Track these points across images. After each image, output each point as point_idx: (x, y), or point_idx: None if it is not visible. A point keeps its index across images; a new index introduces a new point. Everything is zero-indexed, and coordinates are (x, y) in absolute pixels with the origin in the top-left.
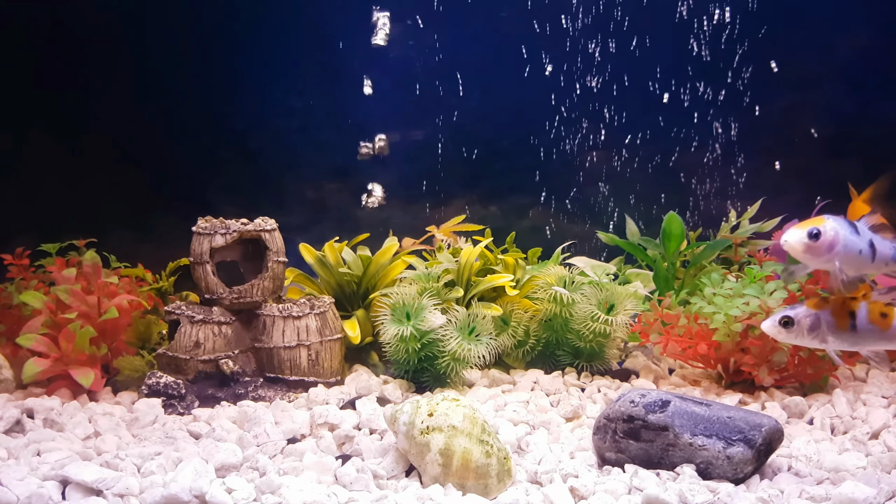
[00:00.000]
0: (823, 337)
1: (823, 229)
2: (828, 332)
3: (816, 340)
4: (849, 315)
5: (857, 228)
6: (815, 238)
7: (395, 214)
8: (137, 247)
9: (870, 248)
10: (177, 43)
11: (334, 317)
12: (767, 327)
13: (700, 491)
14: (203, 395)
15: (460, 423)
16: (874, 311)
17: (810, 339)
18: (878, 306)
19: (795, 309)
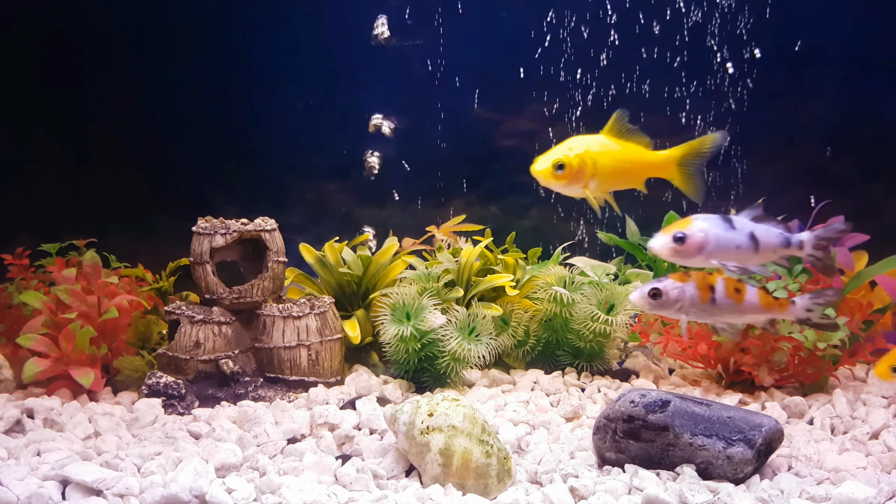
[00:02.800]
0: (686, 309)
1: (689, 232)
2: (690, 304)
3: (680, 312)
4: (709, 289)
5: (734, 223)
6: (680, 242)
7: (395, 214)
8: (137, 247)
9: (750, 240)
10: (177, 43)
11: (334, 317)
12: (636, 298)
13: (700, 491)
14: (203, 395)
15: (460, 423)
16: (730, 286)
17: (675, 310)
18: (733, 282)
19: (662, 281)
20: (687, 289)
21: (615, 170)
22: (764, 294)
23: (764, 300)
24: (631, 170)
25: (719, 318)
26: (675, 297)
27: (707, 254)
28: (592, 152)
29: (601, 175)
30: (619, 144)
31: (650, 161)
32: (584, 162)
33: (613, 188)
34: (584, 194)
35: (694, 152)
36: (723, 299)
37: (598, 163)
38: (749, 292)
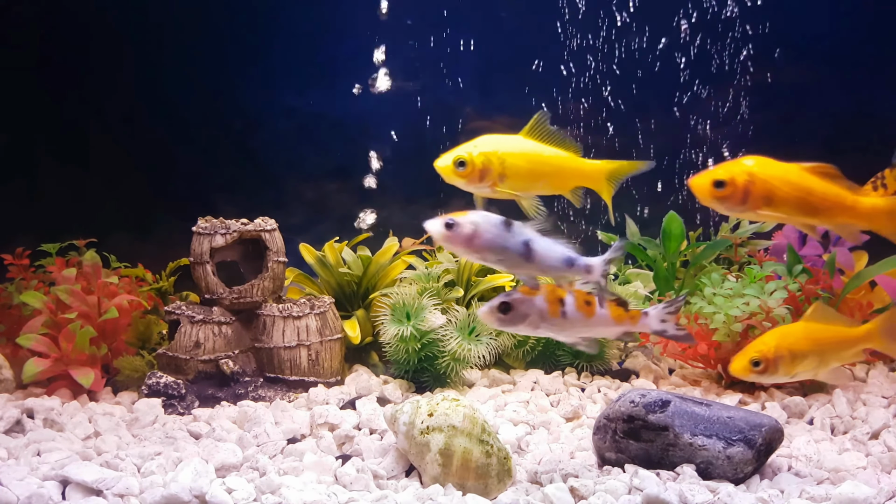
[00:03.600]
0: (537, 323)
1: (460, 221)
2: (540, 318)
3: (530, 327)
4: (559, 302)
5: (512, 227)
6: (449, 228)
7: (395, 214)
8: (137, 247)
9: (524, 247)
10: (177, 43)
11: (334, 317)
12: (484, 314)
13: (700, 491)
14: (203, 395)
15: (460, 423)
16: (580, 299)
17: (525, 325)
18: (583, 295)
19: (511, 295)
20: (536, 302)
21: (530, 172)
22: (615, 307)
23: (615, 313)
24: (552, 174)
25: (571, 333)
26: (525, 312)
27: (475, 248)
28: (500, 152)
29: (512, 176)
30: (539, 147)
31: (578, 168)
32: (489, 161)
33: (532, 192)
34: (497, 194)
35: (625, 171)
36: (573, 313)
37: (507, 163)
38: (601, 308)
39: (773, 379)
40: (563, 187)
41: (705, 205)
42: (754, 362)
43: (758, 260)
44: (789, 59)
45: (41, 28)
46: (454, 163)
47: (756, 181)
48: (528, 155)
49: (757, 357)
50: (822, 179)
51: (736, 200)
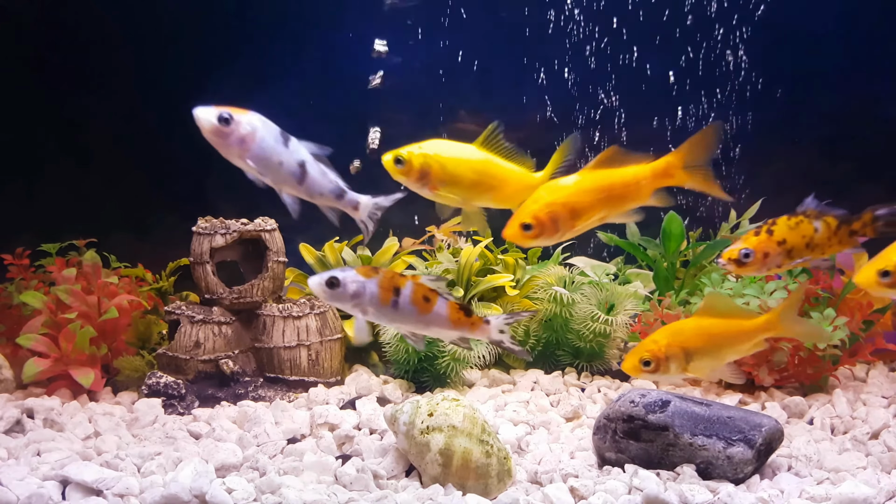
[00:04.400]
0: (365, 307)
1: (237, 118)
2: (369, 302)
3: (357, 309)
4: (394, 291)
5: (288, 140)
6: (224, 123)
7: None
8: (137, 247)
9: (299, 168)
10: (177, 42)
11: (334, 317)
12: (313, 284)
13: (700, 491)
14: (203, 395)
15: (460, 423)
16: (419, 292)
17: (351, 305)
18: (424, 289)
19: (345, 271)
20: (368, 285)
21: (474, 182)
22: (455, 309)
23: (454, 316)
24: (498, 187)
25: (402, 325)
26: (353, 292)
27: (249, 152)
28: (443, 157)
29: (453, 183)
30: (488, 158)
31: (528, 184)
32: (428, 164)
33: (478, 202)
34: (440, 199)
35: (558, 165)
36: (407, 305)
37: (449, 169)
38: (439, 304)
39: (667, 378)
40: (513, 202)
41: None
42: (644, 361)
43: None
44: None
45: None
46: (393, 159)
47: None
48: (472, 164)
49: (647, 356)
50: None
51: (549, 232)
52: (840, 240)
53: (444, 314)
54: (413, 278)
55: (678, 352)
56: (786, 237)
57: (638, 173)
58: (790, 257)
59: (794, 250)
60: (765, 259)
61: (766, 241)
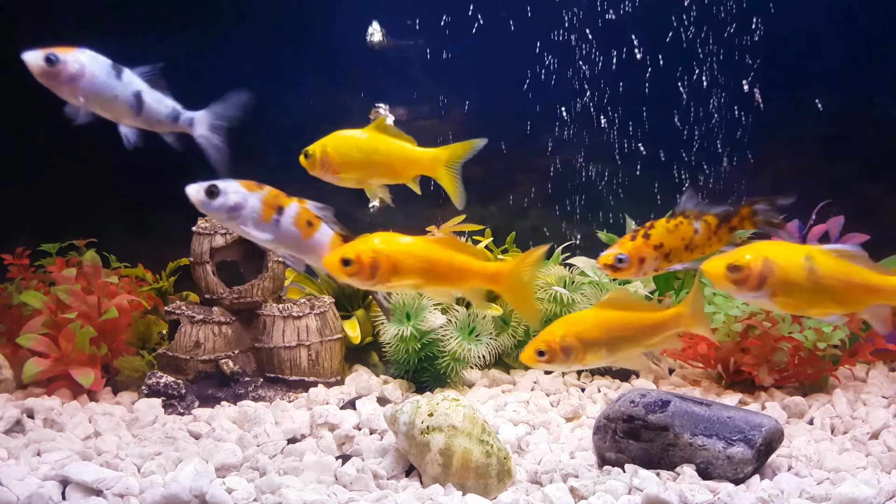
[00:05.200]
0: (244, 222)
1: (63, 57)
2: (249, 217)
3: (236, 223)
4: (277, 209)
5: (121, 73)
6: (50, 64)
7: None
8: (137, 247)
9: (135, 98)
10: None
11: (334, 317)
12: (191, 192)
13: (700, 491)
14: (203, 395)
15: (460, 423)
16: (303, 216)
17: (229, 218)
18: (309, 214)
19: (228, 182)
20: (250, 198)
21: (364, 162)
22: (339, 242)
23: (336, 246)
24: (389, 164)
25: (281, 245)
26: (234, 204)
27: (81, 90)
28: (335, 145)
29: (348, 167)
30: (373, 139)
31: (414, 158)
32: (326, 153)
33: (376, 180)
34: (346, 183)
35: (459, 154)
36: (288, 226)
37: (342, 154)
38: (322, 232)
39: (564, 367)
40: (403, 176)
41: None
42: (539, 352)
43: None
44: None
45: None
46: (303, 154)
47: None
48: (363, 147)
49: (542, 347)
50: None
51: (365, 275)
52: (720, 238)
53: (325, 243)
54: (300, 201)
55: (574, 342)
56: (663, 241)
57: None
58: (668, 261)
59: (673, 253)
60: (641, 264)
61: (641, 245)
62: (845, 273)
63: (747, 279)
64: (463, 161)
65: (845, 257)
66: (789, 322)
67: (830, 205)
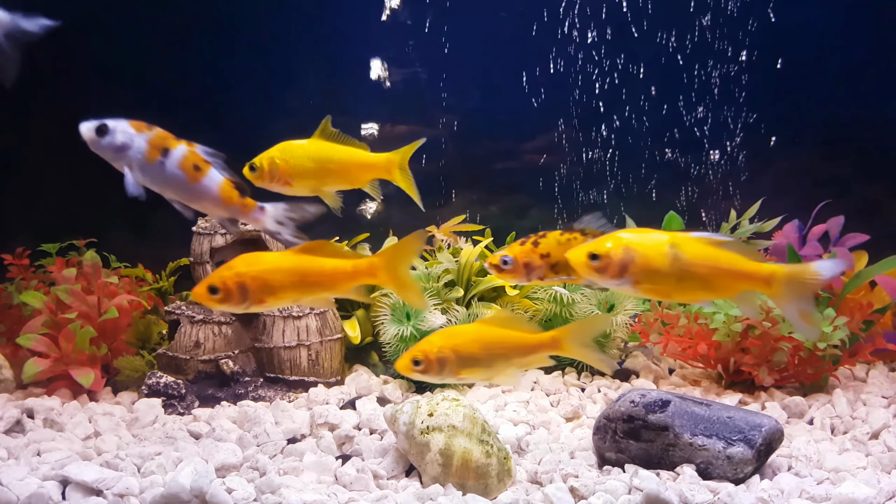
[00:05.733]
0: (130, 162)
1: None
2: (135, 157)
3: (122, 163)
4: (162, 151)
5: None
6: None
7: (395, 214)
8: (137, 247)
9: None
10: (176, 41)
11: (334, 317)
12: (83, 129)
13: (700, 491)
14: (203, 395)
15: (460, 423)
16: (190, 159)
17: (115, 157)
18: (197, 157)
19: (118, 121)
20: (136, 139)
21: (317, 170)
22: (228, 187)
23: (225, 193)
24: (345, 171)
25: (168, 190)
26: (121, 143)
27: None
28: (284, 155)
29: (300, 174)
30: (324, 147)
31: (368, 162)
32: (274, 164)
33: (329, 187)
34: (298, 192)
35: (408, 154)
36: (174, 169)
37: (292, 164)
38: (210, 177)
39: (438, 379)
40: (358, 181)
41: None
42: (414, 361)
43: None
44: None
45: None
46: (248, 167)
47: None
48: (311, 154)
49: (418, 356)
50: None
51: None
52: None
53: (214, 188)
54: (189, 144)
55: (451, 355)
56: (551, 251)
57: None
58: (555, 272)
59: (560, 266)
60: (526, 269)
61: (529, 251)
62: (713, 259)
63: (608, 267)
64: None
65: (715, 244)
66: (789, 322)
67: (830, 205)
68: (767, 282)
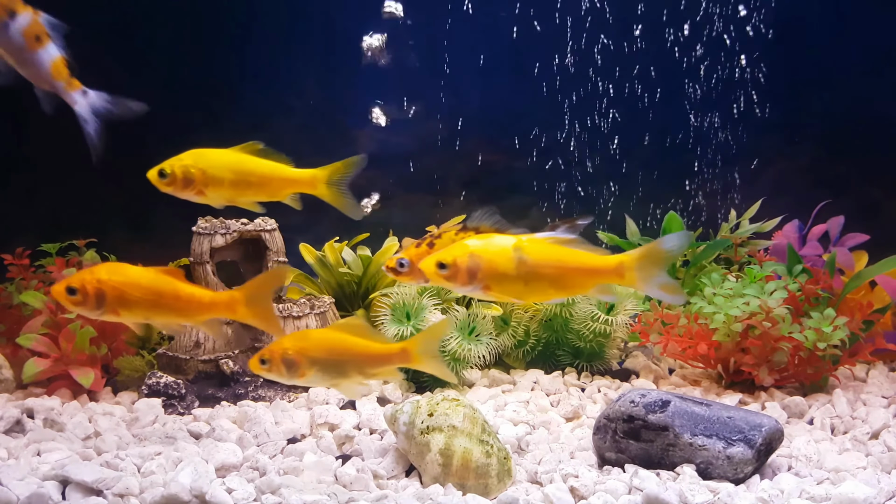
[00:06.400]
0: None
1: None
2: None
3: None
4: (9, 13)
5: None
6: None
7: (395, 214)
8: (137, 247)
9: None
10: (176, 40)
11: (334, 317)
12: None
13: (700, 491)
14: (203, 395)
15: (460, 423)
16: (35, 28)
17: None
18: (40, 29)
19: None
20: None
21: (235, 182)
22: (62, 64)
23: (56, 67)
24: (262, 184)
25: (3, 49)
26: None
27: None
28: (201, 164)
29: (216, 185)
30: (245, 159)
31: (289, 178)
32: (189, 172)
33: (246, 199)
34: (210, 201)
35: (340, 172)
36: (16, 34)
37: (209, 174)
38: (48, 50)
39: (285, 379)
40: (277, 195)
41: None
42: (262, 360)
43: (758, 260)
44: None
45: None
46: (157, 173)
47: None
48: (231, 167)
49: (266, 356)
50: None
51: (90, 305)
52: None
53: (47, 62)
54: (35, 13)
55: (299, 358)
56: None
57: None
58: None
59: None
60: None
61: (424, 253)
62: (559, 259)
63: (457, 275)
64: (348, 177)
65: (560, 243)
66: (789, 322)
67: (830, 205)
68: (619, 273)
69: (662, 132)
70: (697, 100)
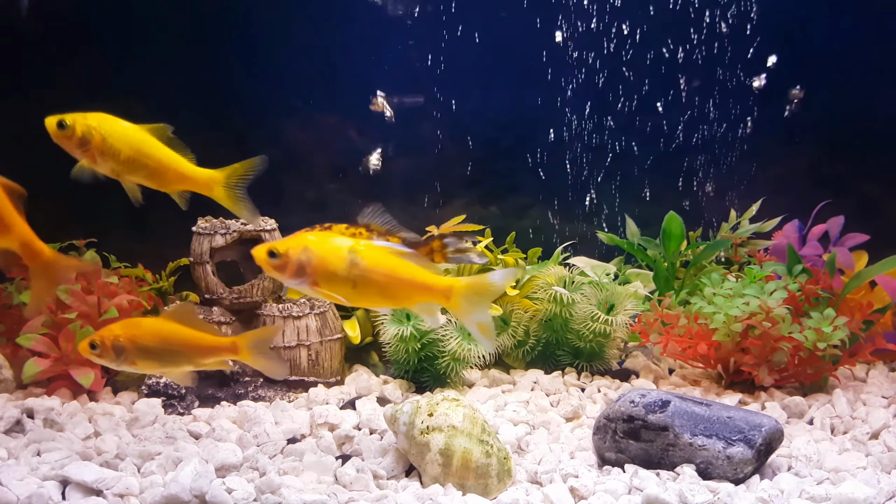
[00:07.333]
0: None
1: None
2: None
3: None
4: None
5: None
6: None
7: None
8: (137, 247)
9: None
10: (176, 40)
11: (334, 317)
12: None
13: (700, 491)
14: (203, 395)
15: (460, 423)
16: None
17: None
18: None
19: None
20: None
21: (130, 160)
22: None
23: None
24: (153, 170)
25: None
26: None
27: None
28: (105, 130)
29: (110, 155)
30: (150, 141)
31: (186, 173)
32: (90, 133)
33: (134, 178)
34: (101, 168)
35: (237, 175)
36: None
37: (108, 143)
38: None
39: (115, 365)
40: (165, 186)
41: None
42: (91, 345)
43: (758, 260)
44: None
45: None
46: (56, 122)
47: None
48: (133, 143)
49: (95, 340)
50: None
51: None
52: None
53: None
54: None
55: (128, 344)
56: None
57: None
58: None
59: None
60: None
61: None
62: (391, 269)
63: (286, 266)
64: (246, 179)
65: (396, 254)
66: (789, 322)
67: (830, 205)
68: (446, 294)
69: (663, 131)
70: (697, 100)
